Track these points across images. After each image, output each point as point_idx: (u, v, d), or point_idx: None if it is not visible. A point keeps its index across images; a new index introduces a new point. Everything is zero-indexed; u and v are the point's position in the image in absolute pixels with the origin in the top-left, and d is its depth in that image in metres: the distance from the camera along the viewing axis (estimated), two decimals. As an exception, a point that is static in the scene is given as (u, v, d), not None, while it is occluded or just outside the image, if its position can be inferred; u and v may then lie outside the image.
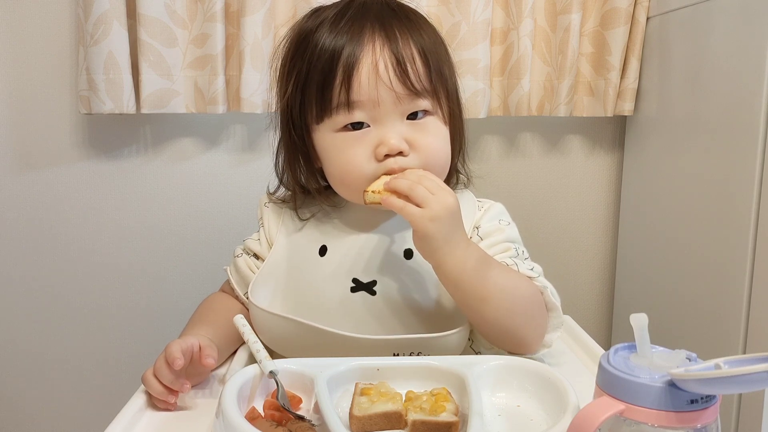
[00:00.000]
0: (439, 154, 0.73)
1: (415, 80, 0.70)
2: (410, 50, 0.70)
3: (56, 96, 1.25)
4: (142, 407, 0.64)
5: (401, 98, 0.70)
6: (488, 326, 0.69)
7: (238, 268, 0.81)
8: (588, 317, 1.45)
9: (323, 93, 0.70)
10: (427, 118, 0.73)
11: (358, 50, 0.69)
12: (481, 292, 0.66)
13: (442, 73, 0.73)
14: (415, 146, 0.71)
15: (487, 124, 1.33)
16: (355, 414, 0.54)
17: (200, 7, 1.17)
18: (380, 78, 0.69)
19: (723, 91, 1.01)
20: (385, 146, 0.69)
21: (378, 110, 0.70)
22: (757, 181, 0.93)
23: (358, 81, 0.69)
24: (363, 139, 0.71)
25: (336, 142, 0.72)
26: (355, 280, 0.73)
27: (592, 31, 1.27)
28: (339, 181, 0.74)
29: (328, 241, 0.76)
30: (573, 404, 0.53)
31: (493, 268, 0.68)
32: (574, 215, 1.41)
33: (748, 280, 0.95)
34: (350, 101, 0.69)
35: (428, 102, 0.72)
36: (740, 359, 0.41)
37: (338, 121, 0.71)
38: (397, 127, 0.71)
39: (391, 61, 0.69)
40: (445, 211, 0.64)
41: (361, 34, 0.69)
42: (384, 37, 0.70)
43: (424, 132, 0.72)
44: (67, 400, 1.37)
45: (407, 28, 0.72)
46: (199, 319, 0.78)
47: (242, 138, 1.31)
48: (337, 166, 0.73)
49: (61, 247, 1.31)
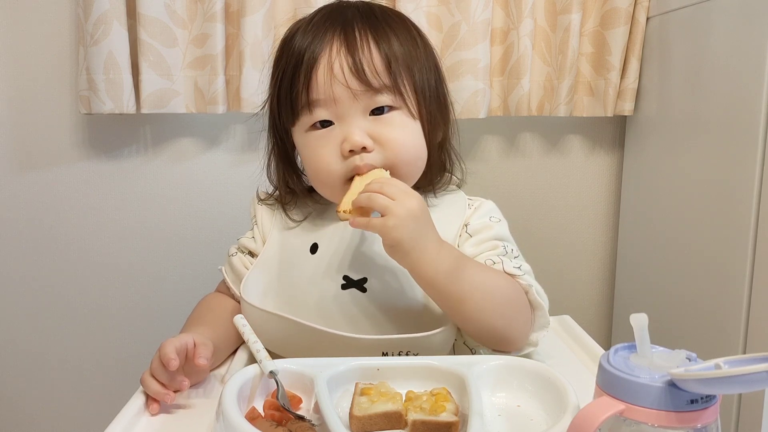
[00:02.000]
0: (406, 148, 0.74)
1: (371, 76, 0.71)
2: (369, 51, 0.72)
3: (56, 96, 1.25)
4: (142, 407, 0.64)
5: (358, 95, 0.72)
6: (469, 325, 0.69)
7: (233, 266, 0.81)
8: (588, 317, 1.45)
9: (291, 95, 0.74)
10: (393, 112, 0.74)
11: (318, 52, 0.72)
12: (457, 293, 0.66)
13: (410, 71, 0.75)
14: (379, 141, 0.72)
15: (487, 124, 1.33)
16: (355, 414, 0.54)
17: (200, 7, 1.17)
18: (335, 76, 0.71)
19: (723, 91, 1.01)
20: (348, 142, 0.71)
21: (337, 107, 0.72)
22: (757, 181, 0.93)
23: (315, 80, 0.72)
24: (329, 137, 0.73)
25: (307, 142, 0.75)
26: (346, 278, 0.73)
27: (592, 31, 1.26)
28: (315, 181, 0.77)
29: (319, 239, 0.77)
30: (573, 404, 0.53)
31: (469, 268, 0.68)
32: (573, 215, 1.41)
33: (748, 280, 0.95)
34: (310, 100, 0.73)
35: (389, 97, 0.73)
36: (740, 359, 0.41)
37: (305, 122, 0.75)
38: (360, 122, 0.72)
39: (347, 60, 0.71)
40: (407, 215, 0.64)
41: (324, 37, 0.73)
42: (343, 38, 0.72)
43: (389, 126, 0.73)
44: (67, 400, 1.37)
45: (370, 27, 0.74)
46: (196, 319, 0.78)
47: (242, 138, 1.31)
48: (311, 166, 0.76)
49: (61, 247, 1.31)
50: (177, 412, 0.64)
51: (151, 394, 0.64)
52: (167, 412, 0.64)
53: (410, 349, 0.68)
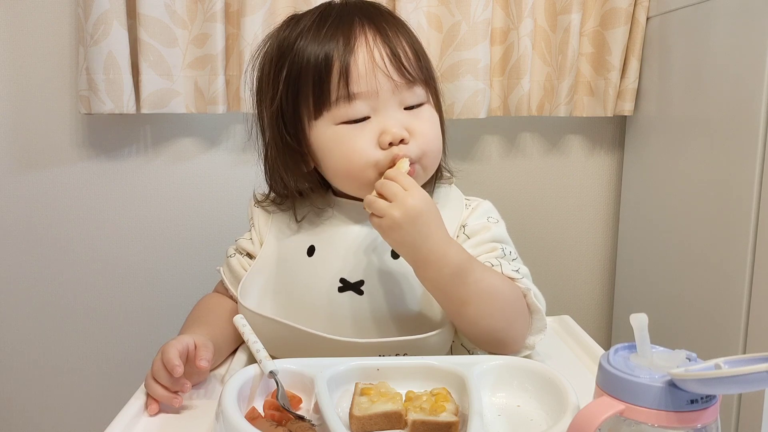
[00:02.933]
0: (435, 141, 0.75)
1: (409, 67, 0.72)
2: (400, 41, 0.72)
3: (56, 96, 1.25)
4: (142, 408, 0.64)
5: (399, 86, 0.71)
6: (469, 327, 0.69)
7: (231, 267, 0.81)
8: (588, 317, 1.45)
9: (321, 88, 0.71)
10: (423, 106, 0.75)
11: (353, 42, 0.70)
12: (460, 296, 0.66)
13: (429, 67, 0.76)
14: (413, 133, 0.72)
15: (487, 124, 1.33)
16: (355, 414, 0.54)
17: (200, 7, 1.17)
18: (377, 67, 0.70)
19: (723, 91, 1.01)
20: (388, 134, 0.70)
21: (378, 100, 0.71)
22: (757, 181, 0.93)
23: (356, 72, 0.70)
24: (365, 129, 0.71)
25: (337, 135, 0.72)
26: (343, 280, 0.73)
27: (592, 31, 1.26)
28: (344, 173, 0.73)
29: (316, 242, 0.76)
30: (573, 404, 0.53)
31: (474, 271, 0.67)
32: (574, 215, 1.41)
33: (748, 280, 0.95)
34: (350, 93, 0.70)
35: (422, 90, 0.74)
36: (740, 359, 0.41)
37: (338, 115, 0.71)
38: (397, 115, 0.72)
39: (386, 51, 0.71)
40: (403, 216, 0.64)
41: (352, 28, 0.71)
42: (375, 29, 0.72)
43: (421, 119, 0.73)
44: (66, 400, 1.37)
45: (393, 23, 0.74)
46: (196, 319, 0.78)
47: (242, 138, 1.31)
48: (341, 157, 0.72)
49: (61, 247, 1.31)
50: (177, 412, 0.64)
51: (157, 398, 0.64)
52: (167, 412, 0.64)
53: (407, 351, 0.68)
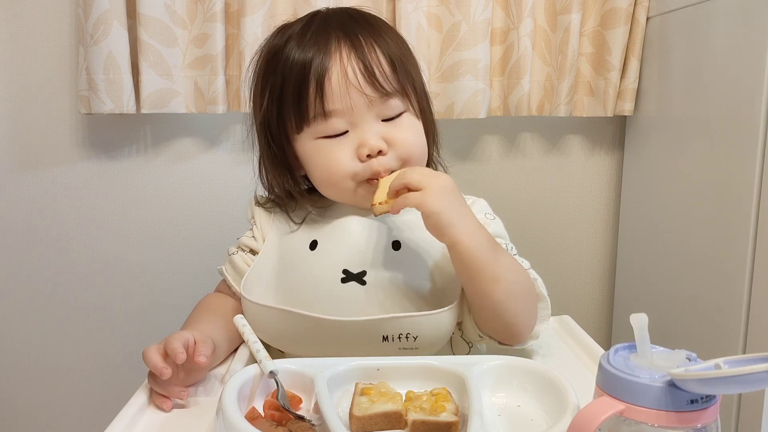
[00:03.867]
0: (416, 147, 0.77)
1: (383, 82, 0.73)
2: (375, 54, 0.74)
3: (56, 96, 1.25)
4: (142, 407, 0.64)
5: (373, 101, 0.73)
6: (492, 309, 0.69)
7: (234, 264, 0.81)
8: (588, 317, 1.45)
9: (299, 104, 0.74)
10: (402, 115, 0.76)
11: (327, 60, 0.72)
12: (494, 271, 0.67)
13: (408, 72, 0.77)
14: (392, 143, 0.74)
15: (487, 124, 1.33)
16: (355, 414, 0.54)
17: (200, 7, 1.17)
18: (350, 84, 0.72)
19: (723, 91, 1.01)
20: (365, 147, 0.73)
21: (353, 115, 0.73)
22: (757, 181, 0.93)
23: (330, 90, 0.72)
24: (344, 142, 0.74)
25: (318, 148, 0.75)
26: (346, 271, 0.74)
27: (592, 31, 1.26)
28: (326, 182, 0.77)
29: (318, 236, 0.78)
30: (573, 404, 0.53)
31: (501, 249, 0.70)
32: (574, 215, 1.41)
33: (748, 280, 0.95)
34: (326, 110, 0.73)
35: (399, 101, 0.75)
36: (740, 359, 0.41)
37: (317, 130, 0.75)
38: (374, 127, 0.74)
39: (359, 67, 0.72)
40: (441, 188, 0.66)
41: (328, 44, 0.73)
42: (349, 45, 0.73)
43: (400, 128, 0.75)
44: (66, 399, 1.37)
45: (370, 33, 0.75)
46: (196, 318, 0.78)
47: (242, 138, 1.30)
48: (322, 168, 0.76)
49: (61, 247, 1.31)
50: (177, 412, 0.64)
51: (165, 394, 0.64)
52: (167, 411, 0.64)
53: (410, 331, 0.69)
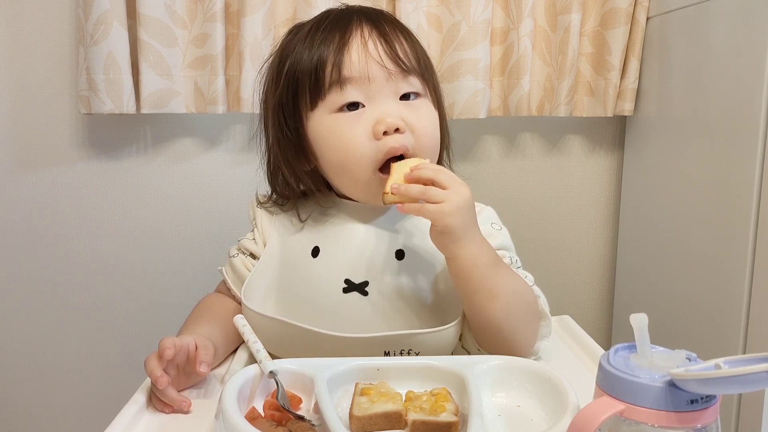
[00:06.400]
0: (432, 138, 0.75)
1: (404, 57, 0.72)
2: (398, 37, 0.73)
3: (56, 96, 1.25)
4: (142, 407, 0.64)
5: (393, 75, 0.71)
6: (488, 326, 0.69)
7: (234, 267, 0.80)
8: (588, 317, 1.45)
9: (316, 75, 0.71)
10: (420, 99, 0.74)
11: (348, 34, 0.71)
12: (491, 288, 0.67)
13: (429, 66, 0.77)
14: (410, 126, 0.72)
15: (487, 124, 1.33)
16: (355, 414, 0.54)
17: (200, 7, 1.17)
18: (370, 54, 0.71)
19: (723, 91, 1.01)
20: (382, 123, 0.70)
21: (370, 87, 0.71)
22: (757, 181, 0.93)
23: (349, 58, 0.71)
24: (359, 119, 0.71)
25: (333, 125, 0.72)
26: (348, 281, 0.73)
27: (592, 31, 1.27)
28: (340, 167, 0.74)
29: (320, 242, 0.76)
30: (573, 404, 0.53)
31: (503, 266, 0.69)
32: (574, 215, 1.41)
33: (748, 280, 0.95)
34: (342, 78, 0.71)
35: (419, 82, 0.74)
36: (740, 359, 0.41)
37: (332, 102, 0.72)
38: (392, 105, 0.72)
39: (380, 41, 0.72)
40: (463, 203, 0.65)
41: (349, 25, 0.72)
42: (371, 24, 0.73)
43: (418, 113, 0.73)
44: (66, 400, 1.37)
45: (392, 24, 0.75)
46: (196, 319, 0.78)
47: (242, 138, 1.31)
48: (337, 150, 0.72)
49: (60, 247, 1.30)
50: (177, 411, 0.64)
51: (168, 401, 0.63)
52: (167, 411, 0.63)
53: (412, 347, 0.68)
